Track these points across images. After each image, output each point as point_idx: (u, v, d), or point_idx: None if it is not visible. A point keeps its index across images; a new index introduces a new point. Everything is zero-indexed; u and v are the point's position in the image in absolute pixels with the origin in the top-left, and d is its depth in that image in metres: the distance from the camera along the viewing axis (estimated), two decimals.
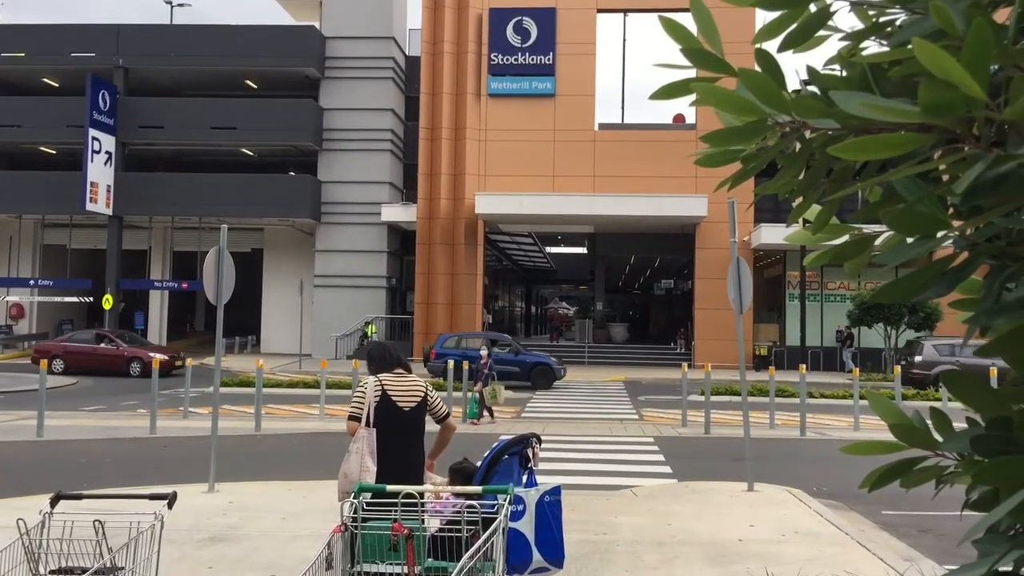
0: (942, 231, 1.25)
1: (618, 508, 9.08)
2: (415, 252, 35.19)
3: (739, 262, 10.72)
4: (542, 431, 14.72)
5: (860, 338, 32.40)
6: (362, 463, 5.23)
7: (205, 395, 20.49)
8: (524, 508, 5.30)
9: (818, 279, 33.82)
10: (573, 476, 11.25)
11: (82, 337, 29.09)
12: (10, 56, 37.26)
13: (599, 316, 39.59)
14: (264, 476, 11.13)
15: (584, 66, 34.74)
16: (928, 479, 1.59)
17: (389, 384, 5.44)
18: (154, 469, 12.03)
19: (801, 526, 8.31)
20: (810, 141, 1.53)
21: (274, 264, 39.66)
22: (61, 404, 19.51)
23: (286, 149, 38.35)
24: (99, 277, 37.94)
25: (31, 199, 36.48)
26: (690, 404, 17.77)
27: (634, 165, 33.65)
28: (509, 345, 26.24)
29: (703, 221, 32.60)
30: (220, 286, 10.17)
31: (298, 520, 8.38)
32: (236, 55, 36.63)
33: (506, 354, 25.04)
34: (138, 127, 36.68)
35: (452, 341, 26.37)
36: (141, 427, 16.04)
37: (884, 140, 1.16)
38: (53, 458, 13.07)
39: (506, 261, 47.18)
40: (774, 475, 11.26)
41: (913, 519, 9.19)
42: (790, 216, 1.87)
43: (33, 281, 37.95)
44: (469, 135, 34.56)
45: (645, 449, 14.33)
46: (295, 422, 17.69)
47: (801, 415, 16.27)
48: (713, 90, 1.48)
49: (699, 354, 32.22)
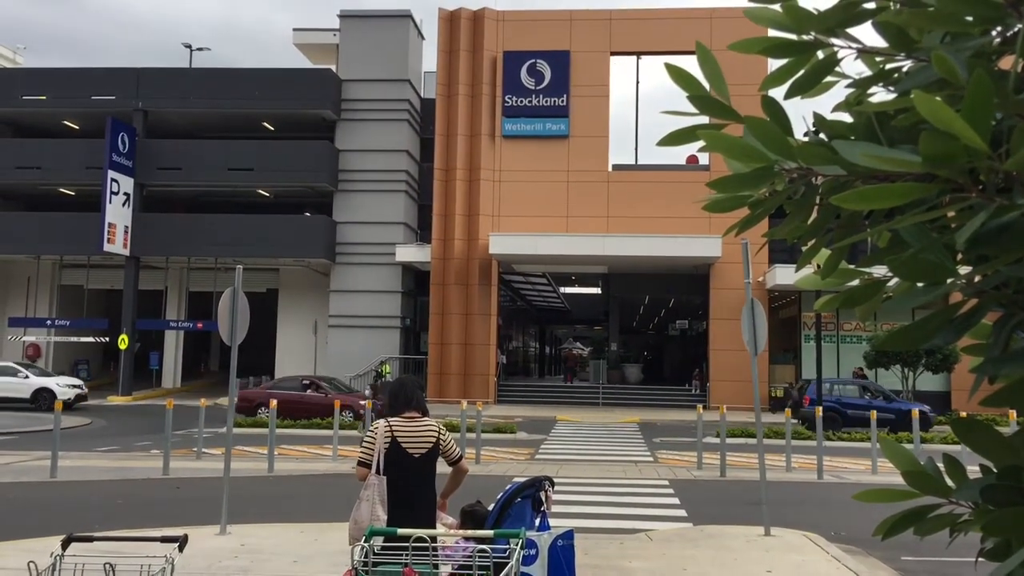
0: (949, 278, 1.25)
1: (632, 552, 8.97)
2: (429, 292, 35.26)
3: (753, 303, 10.69)
4: (556, 473, 14.61)
5: (878, 379, 32.13)
6: (372, 512, 5.20)
7: (218, 435, 20.48)
8: (536, 552, 5.26)
9: (834, 320, 33.63)
10: (586, 519, 11.14)
11: (288, 385, 28.04)
12: (32, 99, 37.88)
13: (613, 357, 39.44)
14: (276, 518, 11.08)
15: (598, 108, 35.00)
16: (942, 527, 1.57)
17: (399, 429, 5.40)
18: (166, 510, 12.00)
19: (819, 572, 8.18)
20: (817, 187, 1.54)
21: (289, 304, 39.80)
22: (75, 444, 19.53)
23: (302, 190, 38.67)
24: (115, 317, 38.15)
25: (49, 240, 36.86)
26: (705, 446, 17.63)
27: (648, 205, 33.74)
28: (882, 392, 26.74)
29: (717, 261, 32.56)
30: (234, 326, 10.21)
31: (309, 564, 8.33)
32: (253, 98, 37.11)
33: (879, 402, 25.50)
34: (156, 169, 37.12)
35: (826, 387, 26.58)
36: (154, 468, 16.03)
37: (887, 190, 1.17)
38: (66, 499, 13.06)
39: (520, 301, 47.20)
40: (791, 519, 11.12)
41: (932, 565, 9.04)
42: (799, 261, 1.87)
43: (50, 321, 38.18)
44: (483, 176, 34.78)
45: (660, 492, 14.19)
46: (308, 463, 17.64)
47: (818, 458, 16.10)
48: (720, 137, 1.49)
49: (714, 395, 32.01)
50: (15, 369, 29.88)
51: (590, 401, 34.74)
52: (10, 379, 28.45)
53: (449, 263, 34.65)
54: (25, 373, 29.87)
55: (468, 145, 35.21)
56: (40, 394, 29.04)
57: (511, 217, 34.42)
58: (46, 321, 38.20)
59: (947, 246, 1.27)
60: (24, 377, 29.50)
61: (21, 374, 29.60)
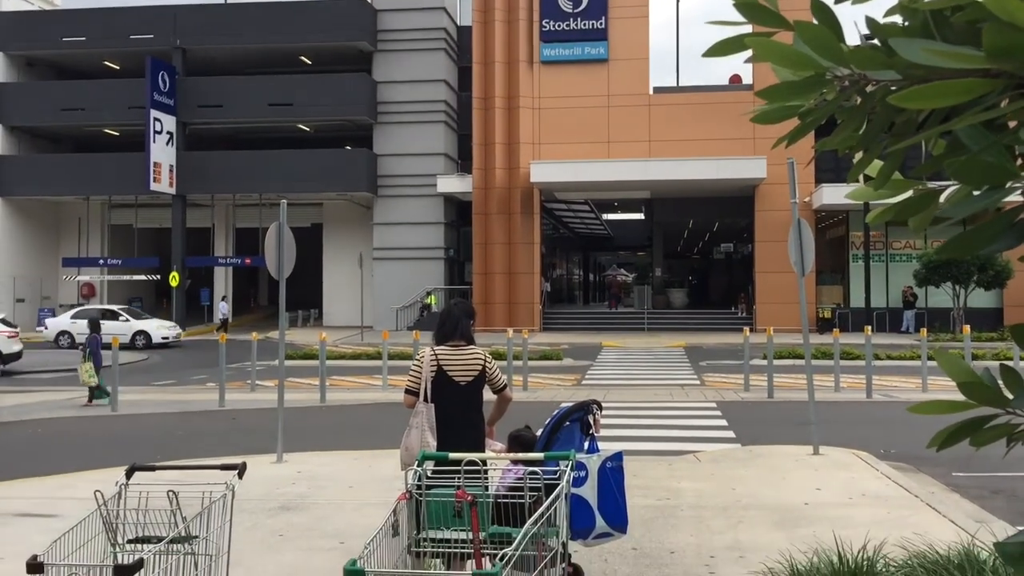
0: (1010, 181, 1.21)
1: (681, 473, 9.05)
2: (472, 223, 35.27)
3: (800, 223, 10.52)
4: (603, 397, 14.72)
5: (927, 298, 31.69)
6: (422, 438, 5.28)
7: (271, 368, 20.91)
8: (586, 474, 5.31)
9: (883, 239, 33.08)
10: (635, 442, 11.24)
11: None
12: (72, 40, 38.06)
13: (658, 282, 39.27)
14: (330, 446, 11.33)
15: (637, 29, 34.25)
16: (998, 437, 1.55)
17: (445, 358, 5.44)
18: (224, 441, 12.33)
19: (869, 489, 8.19)
20: (871, 94, 1.49)
21: (334, 238, 40.13)
22: (134, 379, 20.08)
23: (342, 123, 38.63)
24: (165, 255, 38.86)
25: (97, 181, 37.43)
26: (752, 368, 17.59)
27: (690, 128, 33.19)
28: None
29: (762, 183, 32.05)
30: (281, 261, 10.32)
31: (364, 489, 8.53)
32: (290, 32, 36.92)
33: None
34: (197, 107, 37.31)
35: None
36: (211, 400, 16.45)
37: (948, 87, 1.12)
38: (127, 432, 13.48)
39: (563, 229, 47.02)
40: (840, 438, 11.11)
41: (984, 480, 9.00)
42: (851, 172, 1.82)
43: (103, 260, 38.99)
44: (523, 103, 34.39)
45: (707, 414, 14.24)
46: (358, 393, 17.96)
47: (867, 377, 16.00)
48: (769, 45, 1.45)
49: (760, 318, 31.83)
50: (117, 313, 31.13)
51: (635, 327, 34.75)
52: (114, 323, 29.48)
53: (491, 193, 34.54)
54: (126, 317, 31.23)
55: (506, 72, 34.75)
56: (137, 336, 30.69)
57: (552, 144, 34.10)
58: (99, 260, 39.02)
59: (1006, 147, 1.23)
60: (124, 320, 30.71)
61: (122, 318, 30.86)
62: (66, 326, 31.27)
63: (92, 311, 30.04)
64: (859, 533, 5.66)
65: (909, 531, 6.05)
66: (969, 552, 4.83)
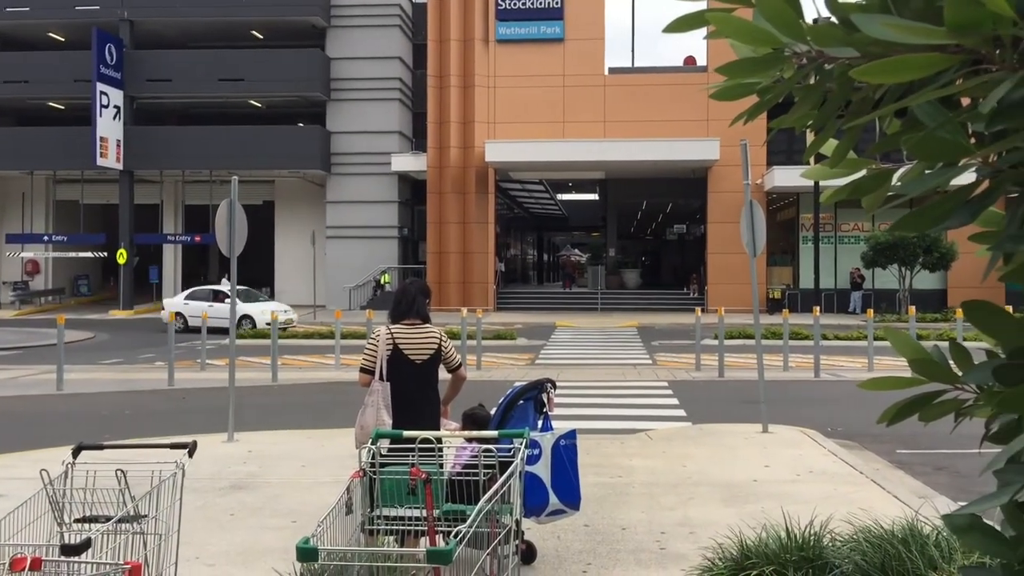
0: (964, 158, 1.23)
1: (633, 451, 9.14)
2: (426, 202, 35.09)
3: (752, 204, 10.63)
4: (557, 377, 14.78)
5: (874, 280, 32.28)
6: (377, 416, 5.26)
7: (221, 347, 20.66)
8: (540, 452, 5.35)
9: (832, 221, 33.58)
10: (588, 421, 11.33)
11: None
12: (14, 11, 36.97)
13: (611, 262, 39.49)
14: (282, 425, 11.25)
15: (593, 9, 34.23)
16: (946, 412, 1.57)
17: (400, 336, 5.42)
18: (173, 420, 12.18)
19: (816, 466, 8.36)
20: (828, 72, 1.50)
21: (286, 216, 39.66)
22: (80, 358, 19.71)
23: (294, 100, 38.10)
24: (112, 232, 38.05)
25: (42, 155, 36.48)
26: (703, 348, 17.81)
27: (645, 109, 33.31)
28: None
29: (715, 164, 32.32)
30: (233, 239, 10.18)
31: (317, 467, 8.49)
32: (242, 5, 36.26)
33: None
34: (145, 80, 36.50)
35: None
36: (159, 379, 16.21)
37: (910, 61, 1.13)
38: (73, 411, 13.24)
39: (517, 209, 47.02)
40: (788, 417, 11.31)
41: (928, 457, 9.23)
42: (806, 151, 1.83)
43: (47, 237, 38.09)
44: (478, 82, 34.22)
45: (659, 393, 14.40)
46: (311, 372, 17.84)
47: (815, 357, 16.29)
48: (729, 20, 1.44)
49: (712, 298, 32.17)
50: (225, 294, 29.56)
51: (589, 307, 34.95)
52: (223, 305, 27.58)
53: (445, 171, 34.37)
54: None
55: (462, 51, 34.53)
56: (243, 320, 27.11)
57: (507, 124, 34.00)
58: (43, 237, 38.11)
59: (961, 125, 1.25)
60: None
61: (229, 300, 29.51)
62: (179, 307, 27.68)
63: (204, 291, 28.55)
64: (806, 509, 5.77)
65: (855, 507, 6.18)
66: (913, 527, 4.94)
